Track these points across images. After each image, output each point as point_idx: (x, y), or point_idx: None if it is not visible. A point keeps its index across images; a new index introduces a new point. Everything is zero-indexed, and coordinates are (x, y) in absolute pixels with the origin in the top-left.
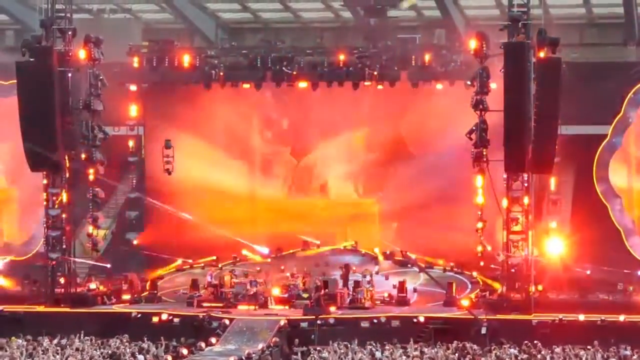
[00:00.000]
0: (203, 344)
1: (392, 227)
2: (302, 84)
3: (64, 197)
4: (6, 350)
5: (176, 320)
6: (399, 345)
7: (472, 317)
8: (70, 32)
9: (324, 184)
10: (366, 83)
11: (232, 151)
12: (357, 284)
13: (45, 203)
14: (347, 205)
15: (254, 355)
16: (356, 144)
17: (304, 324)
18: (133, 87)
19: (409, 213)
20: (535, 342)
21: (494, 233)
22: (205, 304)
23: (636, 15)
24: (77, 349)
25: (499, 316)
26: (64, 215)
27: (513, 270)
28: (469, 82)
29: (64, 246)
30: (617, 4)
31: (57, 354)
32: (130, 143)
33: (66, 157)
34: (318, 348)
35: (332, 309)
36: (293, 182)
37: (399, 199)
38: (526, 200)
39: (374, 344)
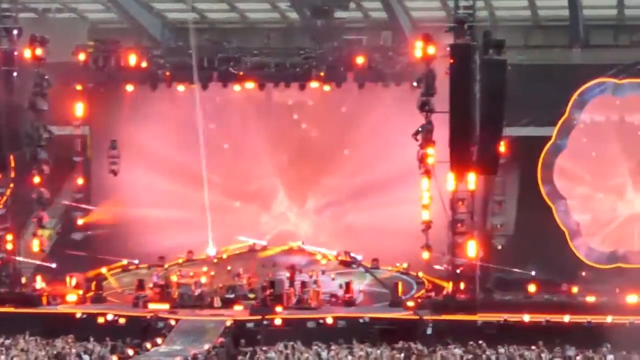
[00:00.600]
0: (149, 345)
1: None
2: (249, 85)
3: (9, 197)
4: None
5: (122, 320)
6: (344, 346)
7: (418, 317)
8: (15, 31)
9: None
10: (312, 84)
11: (178, 151)
12: (303, 284)
13: None
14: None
15: (199, 355)
16: (301, 145)
17: (250, 325)
18: (79, 87)
19: (355, 214)
20: (480, 342)
21: (439, 234)
22: (150, 305)
23: (581, 18)
24: (22, 350)
25: (444, 317)
26: (8, 215)
27: (458, 271)
28: (415, 84)
29: (9, 246)
30: (562, 7)
31: (2, 354)
32: (76, 143)
33: (11, 157)
34: (264, 348)
35: (279, 309)
36: (233, 184)
37: (345, 200)
38: (471, 201)
39: (320, 345)
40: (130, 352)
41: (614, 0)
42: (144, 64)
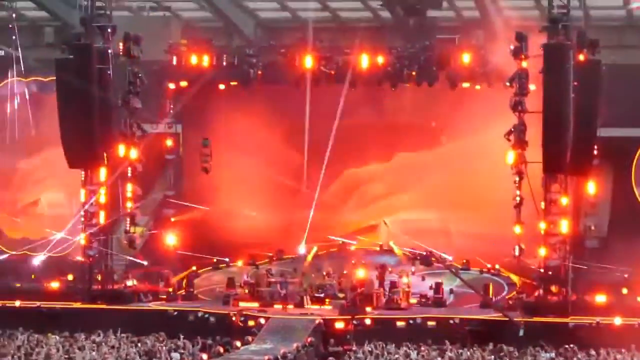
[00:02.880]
0: (239, 343)
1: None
2: (341, 84)
3: (102, 194)
4: (43, 347)
5: (212, 318)
6: (434, 347)
7: (509, 319)
8: (109, 30)
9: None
10: (405, 84)
11: (271, 149)
12: (393, 284)
13: (83, 200)
14: (381, 207)
15: (289, 354)
16: (393, 144)
17: (339, 324)
18: (172, 85)
19: (447, 213)
20: (571, 345)
21: (532, 235)
22: (241, 303)
23: None
24: (113, 347)
25: (535, 319)
26: (101, 212)
27: (550, 273)
28: (508, 83)
29: (102, 243)
30: None
31: (93, 350)
32: (169, 141)
33: (104, 154)
34: (353, 348)
35: (368, 309)
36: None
37: (435, 200)
38: (564, 202)
39: (409, 345)
40: (221, 349)
41: None
42: (236, 63)
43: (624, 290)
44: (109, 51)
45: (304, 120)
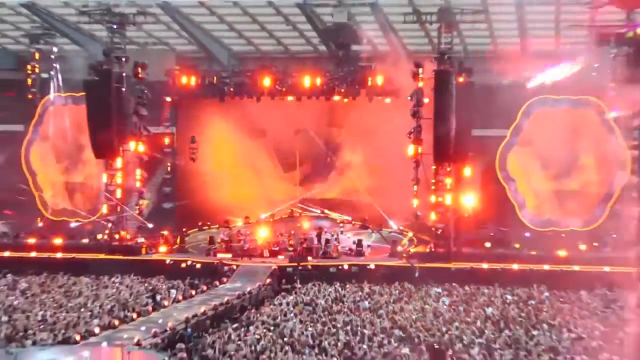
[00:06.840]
0: (217, 283)
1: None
2: (290, 98)
3: (119, 176)
4: (77, 285)
5: (198, 265)
6: (356, 284)
7: (409, 265)
8: (124, 59)
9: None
10: (335, 98)
11: (240, 145)
12: (327, 240)
13: (105, 181)
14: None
15: (253, 290)
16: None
17: (289, 269)
18: (168, 99)
19: (366, 192)
20: (453, 283)
21: (426, 206)
22: (219, 255)
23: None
24: (127, 285)
25: (428, 264)
26: (119, 190)
27: (439, 232)
28: (409, 98)
29: (119, 211)
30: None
31: (113, 288)
32: (166, 139)
33: (120, 149)
34: (299, 286)
35: (309, 258)
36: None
37: (356, 179)
38: (448, 182)
39: (338, 283)
40: (204, 288)
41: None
42: (214, 82)
43: (490, 244)
44: (123, 74)
45: (264, 124)
